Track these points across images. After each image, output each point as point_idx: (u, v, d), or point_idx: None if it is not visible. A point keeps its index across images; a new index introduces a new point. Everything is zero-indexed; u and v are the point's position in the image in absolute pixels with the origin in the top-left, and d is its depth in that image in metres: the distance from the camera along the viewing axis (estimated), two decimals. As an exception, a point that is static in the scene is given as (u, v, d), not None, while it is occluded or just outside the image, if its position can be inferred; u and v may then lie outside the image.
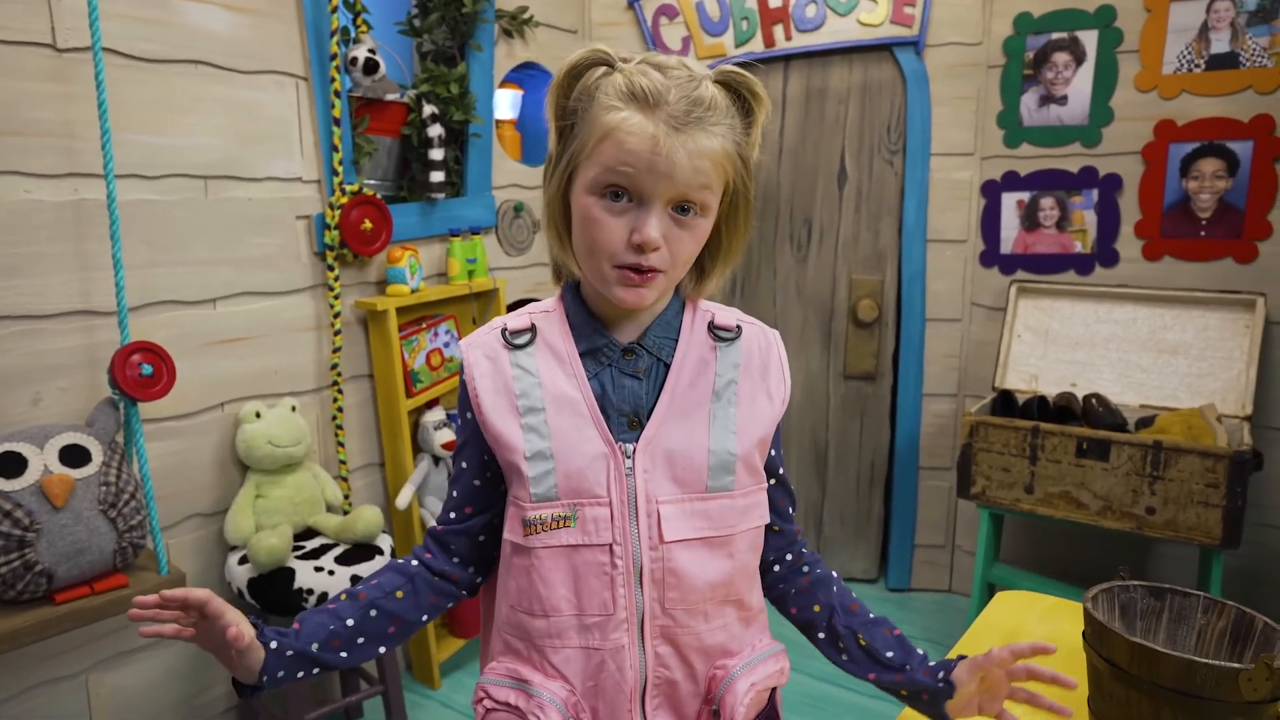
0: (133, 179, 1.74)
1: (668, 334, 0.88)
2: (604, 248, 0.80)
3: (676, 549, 0.84)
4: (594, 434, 0.84)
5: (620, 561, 0.83)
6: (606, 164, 0.78)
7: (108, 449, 1.53)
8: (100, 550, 1.48)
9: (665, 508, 0.83)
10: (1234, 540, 2.04)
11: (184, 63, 1.81)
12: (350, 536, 1.99)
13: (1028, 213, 2.70)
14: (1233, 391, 2.33)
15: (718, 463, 0.84)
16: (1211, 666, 0.85)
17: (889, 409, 2.96)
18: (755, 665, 0.89)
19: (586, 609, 0.85)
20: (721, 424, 0.85)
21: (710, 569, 0.85)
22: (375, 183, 2.29)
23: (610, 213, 0.79)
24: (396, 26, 2.42)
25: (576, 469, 0.83)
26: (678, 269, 0.83)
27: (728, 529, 0.85)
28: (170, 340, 1.80)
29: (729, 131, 0.80)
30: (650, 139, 0.76)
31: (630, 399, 0.86)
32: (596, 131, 0.78)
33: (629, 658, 0.85)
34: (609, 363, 0.87)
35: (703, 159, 0.77)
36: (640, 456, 0.84)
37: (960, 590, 2.97)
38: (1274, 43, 2.32)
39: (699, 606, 0.86)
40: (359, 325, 2.25)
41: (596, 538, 0.83)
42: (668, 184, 0.77)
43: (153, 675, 1.88)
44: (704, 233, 0.83)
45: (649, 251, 0.79)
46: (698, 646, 0.87)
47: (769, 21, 2.78)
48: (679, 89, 0.77)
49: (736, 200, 0.84)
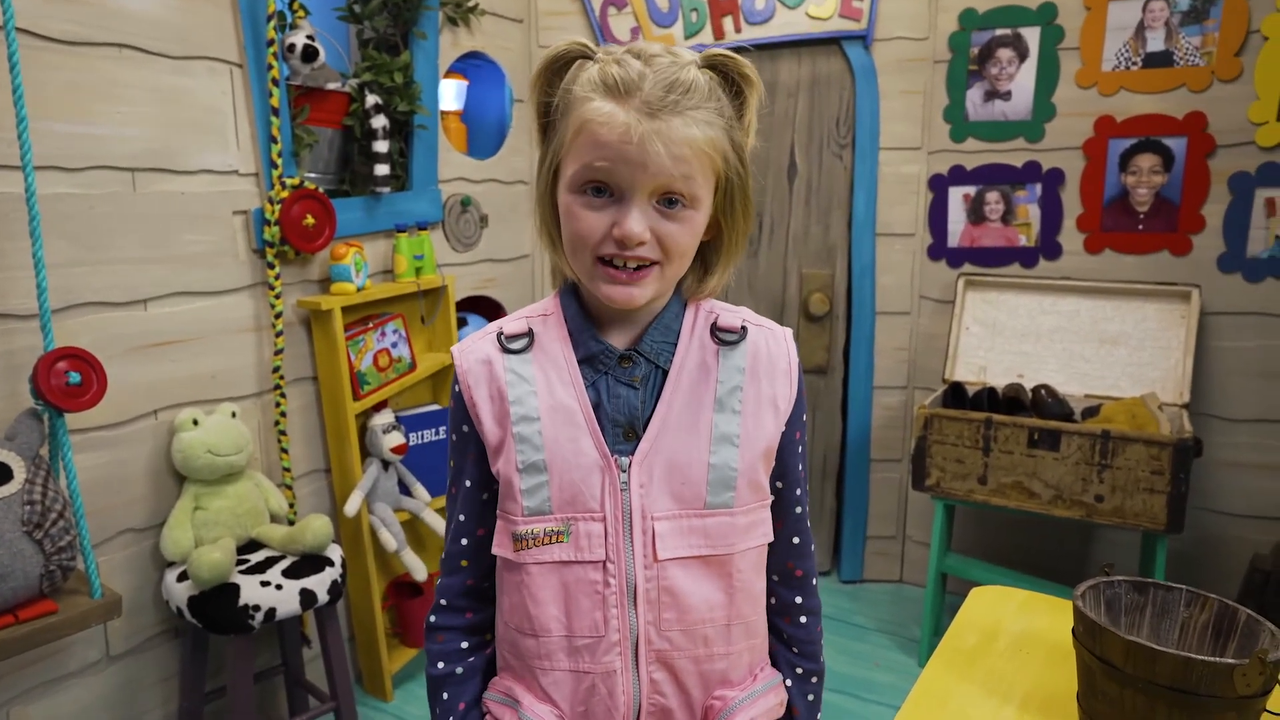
0: (52, 171, 1.61)
1: (666, 338, 0.83)
2: (585, 241, 0.75)
3: (672, 568, 0.79)
4: (589, 445, 0.79)
5: (613, 580, 0.79)
6: (582, 159, 0.74)
7: (31, 465, 1.41)
8: (25, 575, 1.36)
9: (660, 524, 0.79)
10: (1178, 525, 2.11)
11: (106, 45, 1.68)
12: (298, 548, 1.89)
13: (974, 207, 2.74)
14: (1171, 380, 2.41)
15: (718, 478, 0.80)
16: (1207, 663, 0.85)
17: (840, 402, 2.98)
18: (756, 699, 0.84)
19: (577, 630, 0.80)
20: (724, 436, 0.80)
21: (709, 589, 0.81)
22: (316, 176, 2.18)
23: (591, 209, 0.75)
24: (336, 12, 2.31)
25: (571, 482, 0.79)
26: (673, 263, 0.77)
27: (727, 548, 0.81)
28: (97, 344, 1.68)
29: (716, 118, 0.75)
30: (622, 128, 0.71)
31: (625, 409, 0.80)
32: (572, 126, 0.75)
33: (621, 683, 0.80)
34: (605, 370, 0.81)
35: (682, 147, 0.72)
36: (636, 470, 0.79)
37: (912, 580, 3.01)
38: (1205, 42, 2.39)
39: (698, 630, 0.81)
40: (302, 326, 2.14)
41: (589, 554, 0.79)
42: (644, 174, 0.72)
43: (83, 703, 1.76)
44: (698, 225, 0.78)
45: (631, 246, 0.74)
46: (696, 673, 0.82)
47: (718, 13, 2.76)
48: (656, 75, 0.72)
49: (732, 192, 0.79)
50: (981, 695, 1.05)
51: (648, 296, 0.78)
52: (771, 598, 0.91)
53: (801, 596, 0.91)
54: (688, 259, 0.80)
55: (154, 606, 1.87)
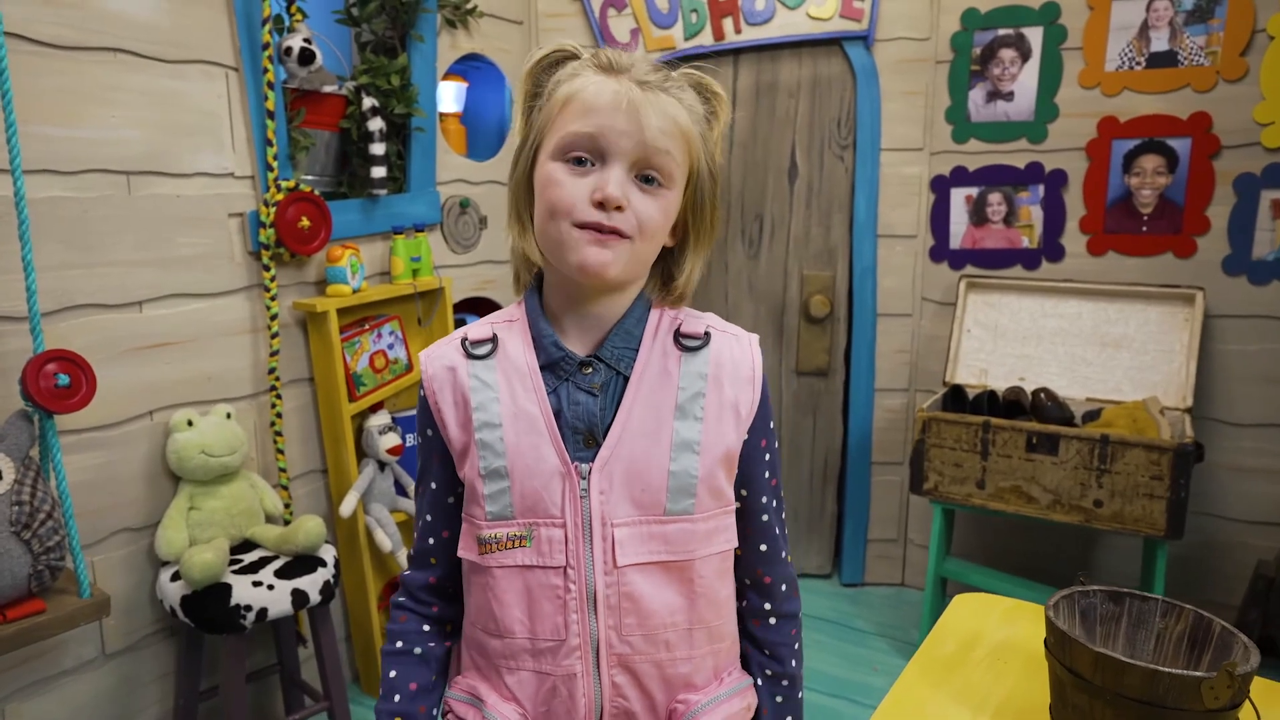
0: (46, 174, 1.62)
1: (628, 344, 0.82)
2: (563, 205, 0.76)
3: (632, 573, 0.80)
4: (550, 452, 0.80)
5: (574, 585, 0.79)
6: (570, 125, 0.76)
7: (20, 466, 1.43)
8: (13, 575, 1.37)
9: (620, 530, 0.79)
10: (1178, 531, 2.08)
11: (101, 50, 1.69)
12: (291, 548, 1.90)
13: (976, 208, 2.72)
14: (1174, 384, 2.38)
15: (678, 485, 0.79)
16: (1175, 676, 0.84)
17: (841, 405, 2.96)
18: (720, 704, 0.84)
19: (539, 633, 0.81)
20: (684, 442, 0.80)
21: (670, 595, 0.81)
22: (313, 178, 2.20)
23: (573, 174, 0.76)
24: (334, 15, 2.32)
25: (532, 489, 0.80)
26: (643, 240, 0.78)
27: (687, 554, 0.80)
28: (91, 346, 1.69)
29: (696, 107, 0.80)
30: (614, 93, 0.75)
31: (584, 416, 0.81)
32: (560, 100, 0.78)
33: (582, 686, 0.81)
34: (567, 376, 0.82)
35: (668, 121, 0.76)
36: (596, 477, 0.79)
37: (913, 584, 2.99)
38: (1210, 42, 2.36)
39: (659, 634, 0.81)
40: (298, 327, 2.16)
41: (550, 559, 0.80)
42: (631, 139, 0.75)
43: (78, 701, 1.78)
44: (669, 208, 0.79)
45: (611, 209, 0.75)
46: (658, 677, 0.82)
47: (718, 14, 2.75)
48: (645, 60, 0.78)
49: (702, 189, 0.81)
50: (955, 705, 1.04)
51: (619, 267, 0.77)
52: (743, 601, 0.91)
53: (771, 603, 0.90)
54: (657, 242, 0.80)
55: (150, 605, 1.89)
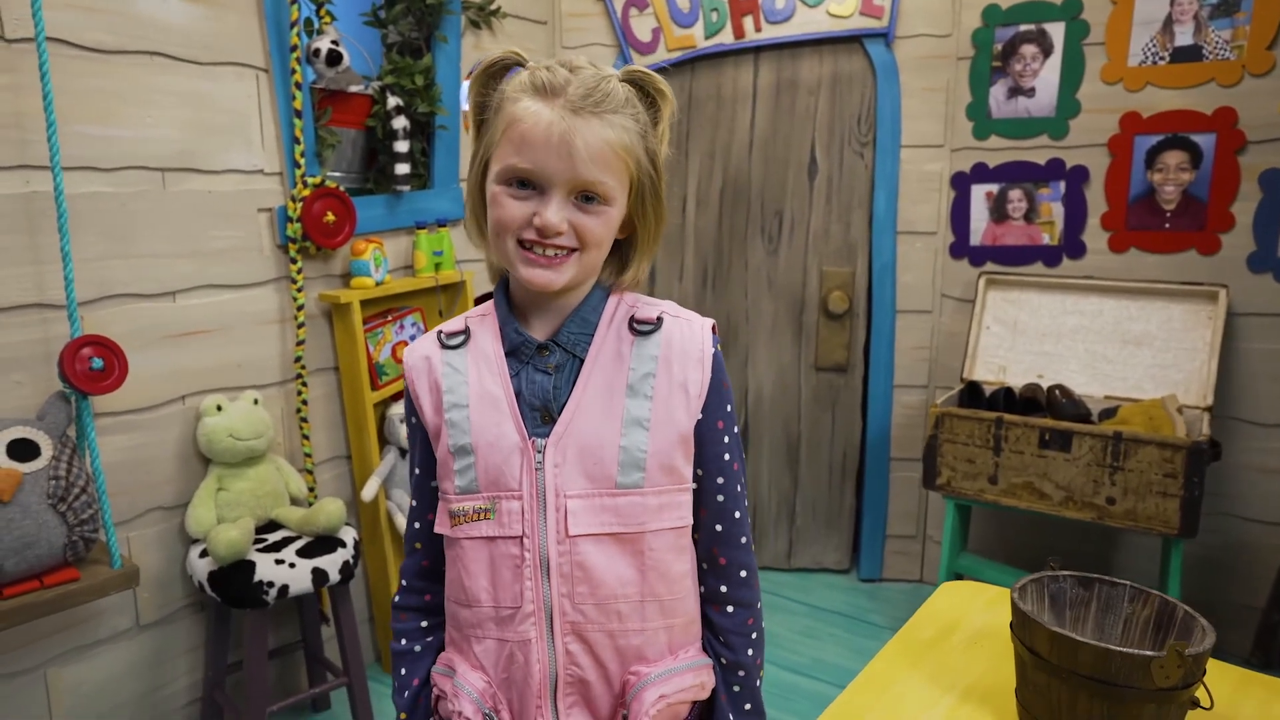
0: (86, 171, 1.73)
1: (584, 329, 0.88)
2: (506, 224, 0.83)
3: (584, 543, 0.84)
4: (511, 429, 0.85)
5: (529, 554, 0.85)
6: (510, 152, 0.81)
7: (58, 443, 1.53)
8: (49, 544, 1.47)
9: (573, 502, 0.84)
10: (1191, 530, 2.06)
11: (138, 54, 1.79)
12: (312, 529, 1.99)
13: (996, 205, 2.71)
14: (1195, 382, 2.35)
15: (628, 459, 0.84)
16: (1126, 655, 0.86)
17: (860, 401, 2.97)
18: (670, 676, 0.87)
19: (501, 600, 0.86)
20: (634, 419, 0.85)
21: (621, 566, 0.85)
22: (340, 175, 2.28)
23: (514, 198, 0.82)
24: (362, 18, 2.40)
25: (495, 464, 0.85)
26: (590, 251, 0.84)
27: (638, 526, 0.85)
28: (128, 334, 1.80)
29: (632, 124, 0.83)
30: (546, 125, 0.79)
31: (540, 394, 0.87)
32: (502, 124, 0.82)
33: (536, 652, 0.86)
34: (527, 359, 0.88)
35: (601, 146, 0.80)
36: (551, 451, 0.85)
37: (931, 580, 2.98)
38: (1236, 36, 2.32)
39: (610, 605, 0.85)
40: (323, 318, 2.25)
41: (510, 529, 0.85)
42: (565, 167, 0.80)
43: (114, 669, 1.88)
44: (612, 220, 0.85)
45: (549, 236, 0.81)
46: (611, 647, 0.86)
47: (739, 13, 2.78)
48: (579, 81, 0.80)
49: (644, 193, 0.86)
50: (924, 684, 1.07)
51: (565, 279, 0.84)
52: (702, 585, 0.93)
53: (727, 586, 0.92)
54: (604, 248, 0.86)
55: (181, 580, 1.99)
